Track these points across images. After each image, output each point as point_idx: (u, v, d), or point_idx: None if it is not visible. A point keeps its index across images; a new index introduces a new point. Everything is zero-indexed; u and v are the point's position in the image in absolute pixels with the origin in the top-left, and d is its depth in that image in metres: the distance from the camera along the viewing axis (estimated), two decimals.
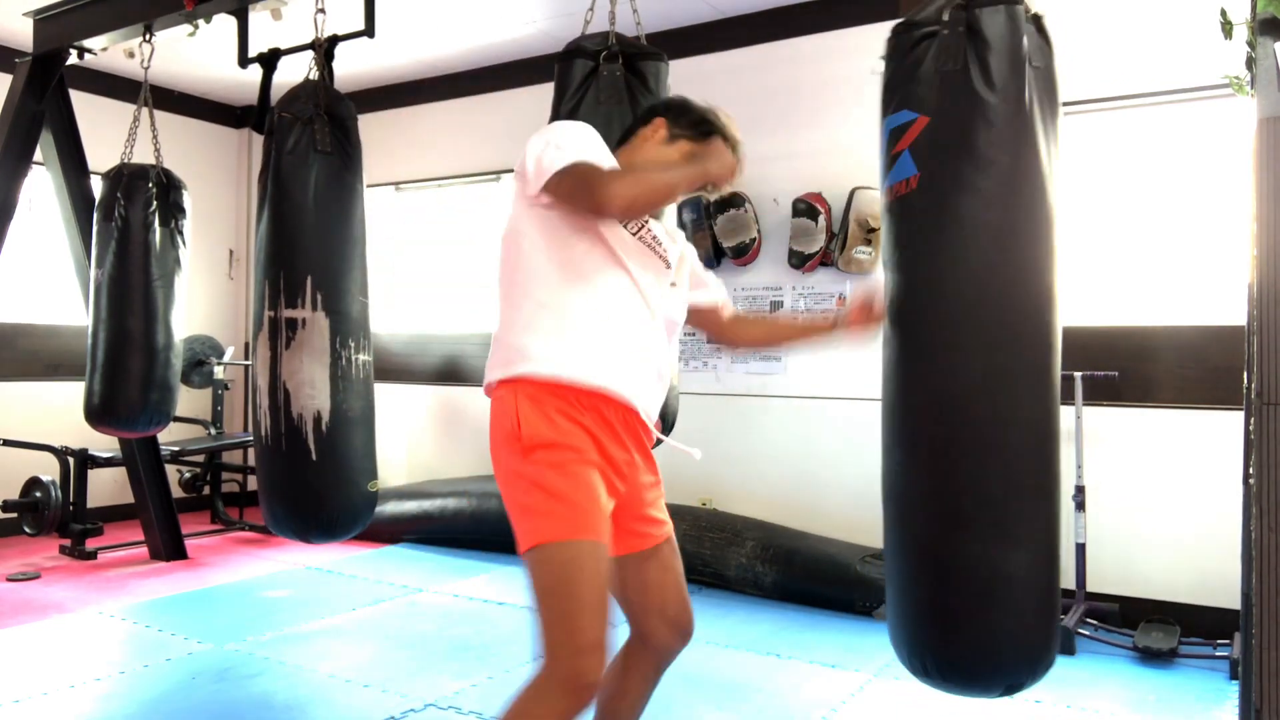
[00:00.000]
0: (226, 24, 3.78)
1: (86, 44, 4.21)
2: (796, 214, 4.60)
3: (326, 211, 3.07)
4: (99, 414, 4.26)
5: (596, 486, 1.76)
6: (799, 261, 4.67)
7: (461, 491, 5.29)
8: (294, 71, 3.33)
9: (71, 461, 5.08)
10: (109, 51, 4.33)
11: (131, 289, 4.18)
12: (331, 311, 3.04)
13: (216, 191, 6.67)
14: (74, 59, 4.31)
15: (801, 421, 4.70)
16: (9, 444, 5.10)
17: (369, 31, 3.34)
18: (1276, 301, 1.66)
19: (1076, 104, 4.01)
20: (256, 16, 3.73)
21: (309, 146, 3.05)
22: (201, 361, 5.93)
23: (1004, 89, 1.87)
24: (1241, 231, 3.05)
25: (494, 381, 1.86)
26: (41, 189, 4.91)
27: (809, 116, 4.73)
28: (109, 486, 5.71)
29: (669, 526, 2.01)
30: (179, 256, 4.34)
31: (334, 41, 3.28)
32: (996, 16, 1.89)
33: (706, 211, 4.77)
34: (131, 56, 4.13)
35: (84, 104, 4.75)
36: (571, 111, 2.69)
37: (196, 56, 5.55)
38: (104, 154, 4.74)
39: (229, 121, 6.84)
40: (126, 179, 4.24)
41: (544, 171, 1.79)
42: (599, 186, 1.76)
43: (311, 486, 3.05)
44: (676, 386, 2.75)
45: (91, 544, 4.98)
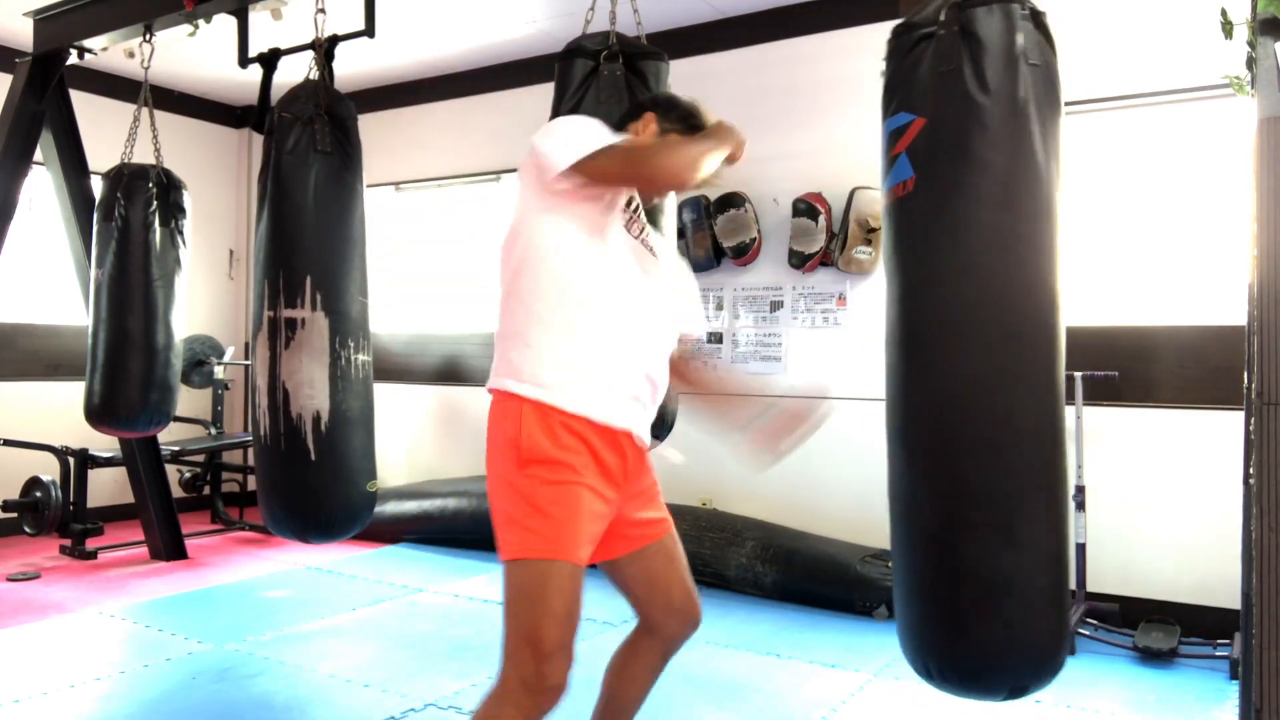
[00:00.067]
0: (226, 24, 3.79)
1: (86, 44, 4.21)
2: (796, 214, 4.60)
3: (326, 211, 3.07)
4: (99, 414, 4.26)
5: (586, 508, 1.78)
6: (799, 261, 4.67)
7: (461, 491, 5.29)
8: (294, 71, 3.33)
9: (71, 461, 5.08)
10: (109, 51, 4.33)
11: (131, 289, 4.19)
12: (331, 311, 3.04)
13: (216, 191, 6.67)
14: (74, 59, 4.31)
15: None
16: (9, 444, 5.10)
17: (369, 31, 3.34)
18: (1276, 301, 1.66)
19: (1076, 104, 4.01)
20: (256, 16, 3.73)
21: (309, 146, 3.05)
22: (201, 361, 5.93)
23: (998, 89, 1.86)
24: (1241, 231, 3.04)
25: (499, 390, 1.86)
26: (41, 189, 4.91)
27: (809, 116, 4.73)
28: (109, 486, 5.71)
29: (669, 521, 2.05)
30: (179, 256, 4.34)
31: (334, 41, 3.28)
32: (990, 16, 1.88)
33: (706, 211, 4.77)
34: (131, 56, 4.13)
35: (84, 104, 4.75)
36: (572, 111, 2.69)
37: (196, 56, 5.55)
38: (104, 154, 4.75)
39: (229, 121, 6.84)
40: (126, 179, 4.24)
41: (577, 152, 1.76)
42: (649, 157, 1.79)
43: (310, 487, 3.05)
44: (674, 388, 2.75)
45: (92, 544, 4.99)
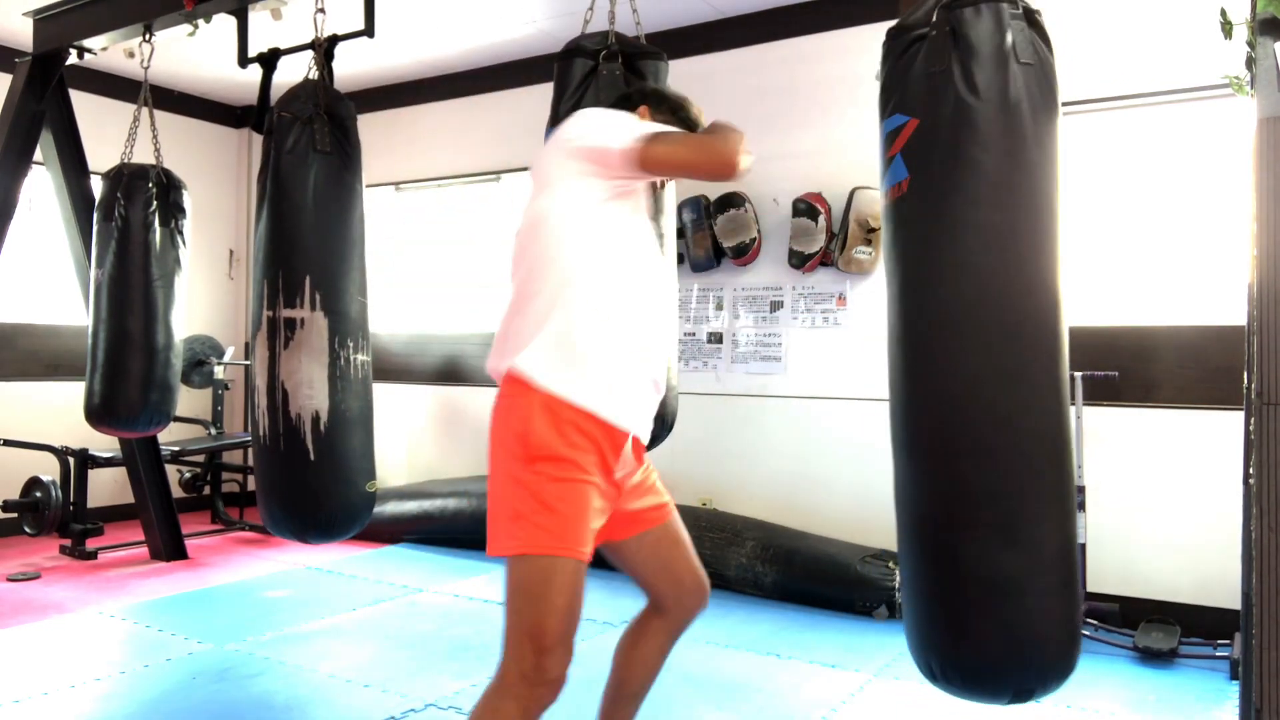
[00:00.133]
0: (226, 24, 3.79)
1: (86, 44, 4.21)
2: (796, 214, 4.60)
3: (325, 211, 3.07)
4: (99, 414, 4.26)
5: (590, 505, 1.80)
6: (799, 261, 4.67)
7: (461, 491, 5.29)
8: (294, 71, 3.33)
9: (72, 461, 5.08)
10: (109, 51, 4.33)
11: (131, 289, 4.18)
12: (330, 311, 3.04)
13: (216, 191, 6.67)
14: (74, 59, 4.31)
15: (801, 421, 4.70)
16: (9, 444, 5.10)
17: (369, 31, 3.34)
18: (1276, 301, 1.66)
19: (1076, 104, 4.01)
20: (256, 16, 3.73)
21: (308, 146, 3.05)
22: (201, 361, 5.93)
23: (987, 89, 1.86)
24: (1241, 231, 3.04)
25: (512, 373, 1.83)
26: (41, 189, 4.91)
27: (809, 116, 4.73)
28: (109, 486, 5.71)
29: (670, 505, 2.12)
30: (179, 256, 4.34)
31: (334, 41, 3.28)
32: (978, 17, 1.88)
33: (706, 211, 4.77)
34: (131, 56, 4.13)
35: (84, 104, 4.75)
36: (571, 111, 2.69)
37: (196, 56, 5.55)
38: (104, 154, 4.75)
39: (229, 121, 6.84)
40: (126, 179, 4.24)
41: (639, 139, 1.80)
42: (711, 144, 1.84)
43: (309, 487, 3.04)
44: (676, 386, 2.75)
45: (92, 544, 4.99)
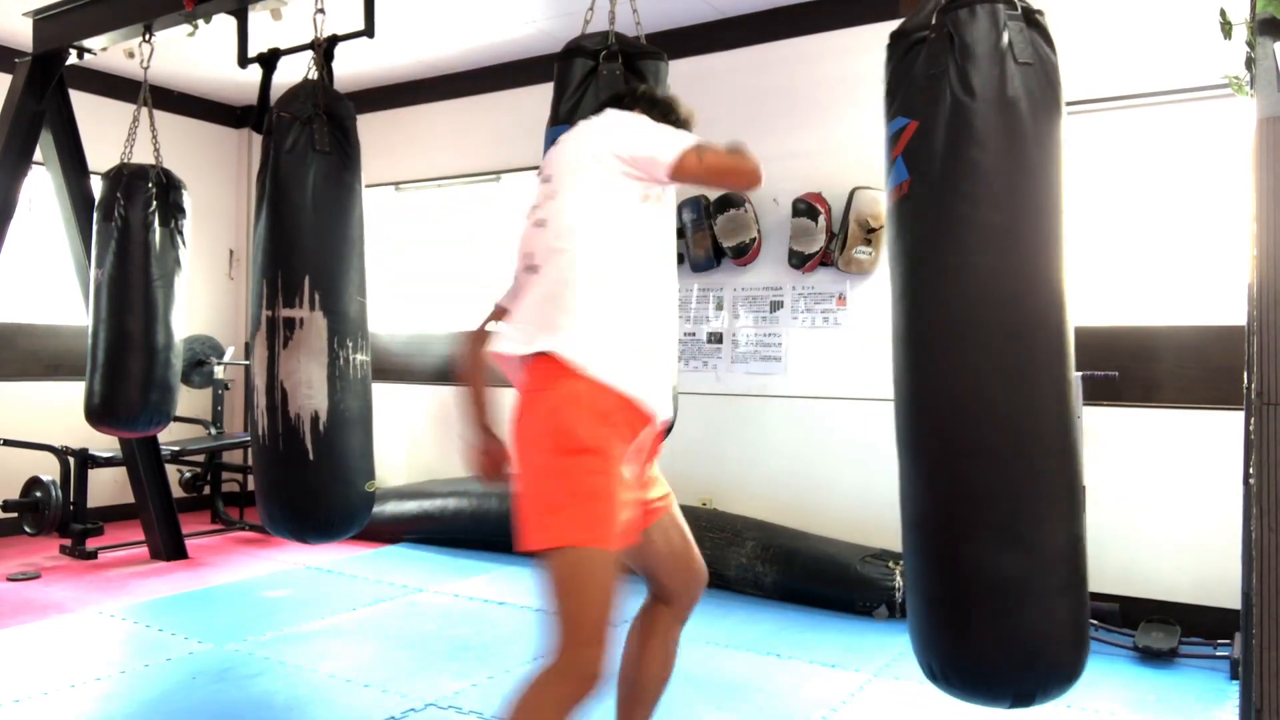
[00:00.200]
0: (226, 24, 3.78)
1: (86, 44, 4.21)
2: (796, 214, 4.60)
3: (325, 211, 3.07)
4: (99, 414, 4.26)
5: (620, 495, 1.82)
6: (799, 261, 4.67)
7: (461, 491, 5.29)
8: (294, 71, 3.33)
9: (72, 461, 5.08)
10: (109, 51, 4.33)
11: (131, 289, 4.18)
12: (329, 311, 3.04)
13: (216, 191, 6.67)
14: (74, 59, 4.31)
15: (801, 421, 4.70)
16: (9, 444, 5.10)
17: (369, 31, 3.34)
18: (1276, 301, 1.66)
19: (1076, 104, 4.01)
20: (256, 16, 3.73)
21: (308, 146, 3.05)
22: (202, 361, 5.93)
23: (983, 90, 1.86)
24: (1241, 231, 3.04)
25: (548, 356, 1.83)
26: (41, 189, 4.91)
27: (809, 116, 4.72)
28: (109, 486, 5.71)
29: (671, 493, 2.16)
30: (179, 256, 4.34)
31: (334, 41, 3.28)
32: (973, 18, 1.89)
33: (706, 211, 4.77)
34: (131, 56, 4.13)
35: (84, 104, 4.75)
36: (572, 110, 2.69)
37: (196, 56, 5.55)
38: (104, 154, 4.74)
39: (229, 121, 6.84)
40: (126, 179, 4.24)
41: (678, 150, 1.89)
42: (740, 158, 1.93)
43: (308, 487, 3.05)
44: (677, 386, 2.75)
45: (92, 544, 4.99)
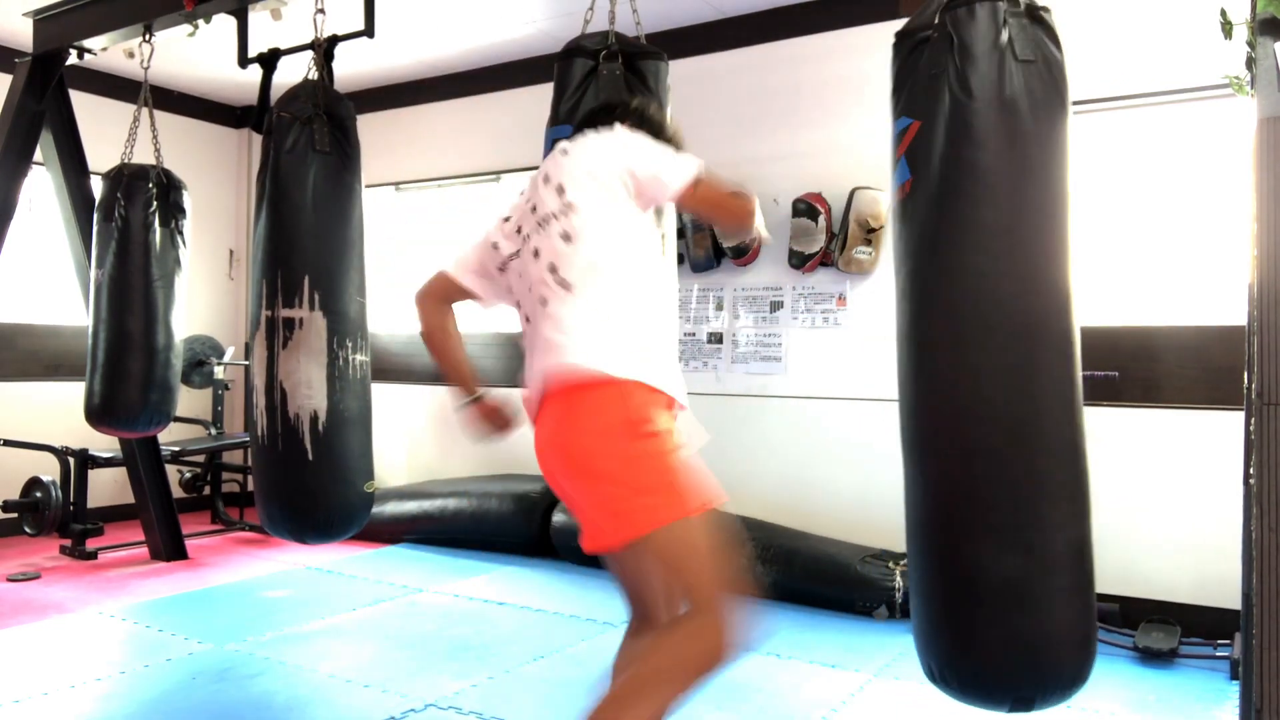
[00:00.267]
0: (226, 24, 3.78)
1: (86, 44, 4.20)
2: (796, 214, 4.59)
3: (325, 211, 3.07)
4: (99, 414, 4.26)
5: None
6: (799, 261, 4.66)
7: (461, 491, 5.29)
8: (294, 71, 3.33)
9: (72, 461, 5.08)
10: (109, 51, 4.33)
11: (131, 289, 4.18)
12: (329, 311, 3.04)
13: (216, 191, 6.67)
14: (74, 59, 4.31)
15: (801, 421, 4.70)
16: (9, 444, 5.10)
17: (369, 31, 3.34)
18: (1276, 301, 1.66)
19: (1077, 104, 3.97)
20: (256, 16, 3.73)
21: (308, 146, 3.05)
22: (202, 361, 5.93)
23: (981, 89, 1.86)
24: (1241, 231, 3.04)
25: (601, 376, 1.84)
26: (41, 189, 4.91)
27: (809, 116, 4.72)
28: (109, 486, 5.71)
29: None
30: (179, 256, 4.34)
31: (334, 41, 3.28)
32: (971, 17, 1.89)
33: None
34: (131, 56, 4.13)
35: (84, 104, 4.75)
36: (572, 110, 2.69)
37: (196, 56, 5.55)
38: (104, 154, 4.74)
39: (229, 121, 6.84)
40: (126, 179, 4.24)
41: (691, 183, 1.93)
42: (745, 204, 2.00)
43: (307, 487, 3.05)
44: None
45: (92, 544, 4.99)
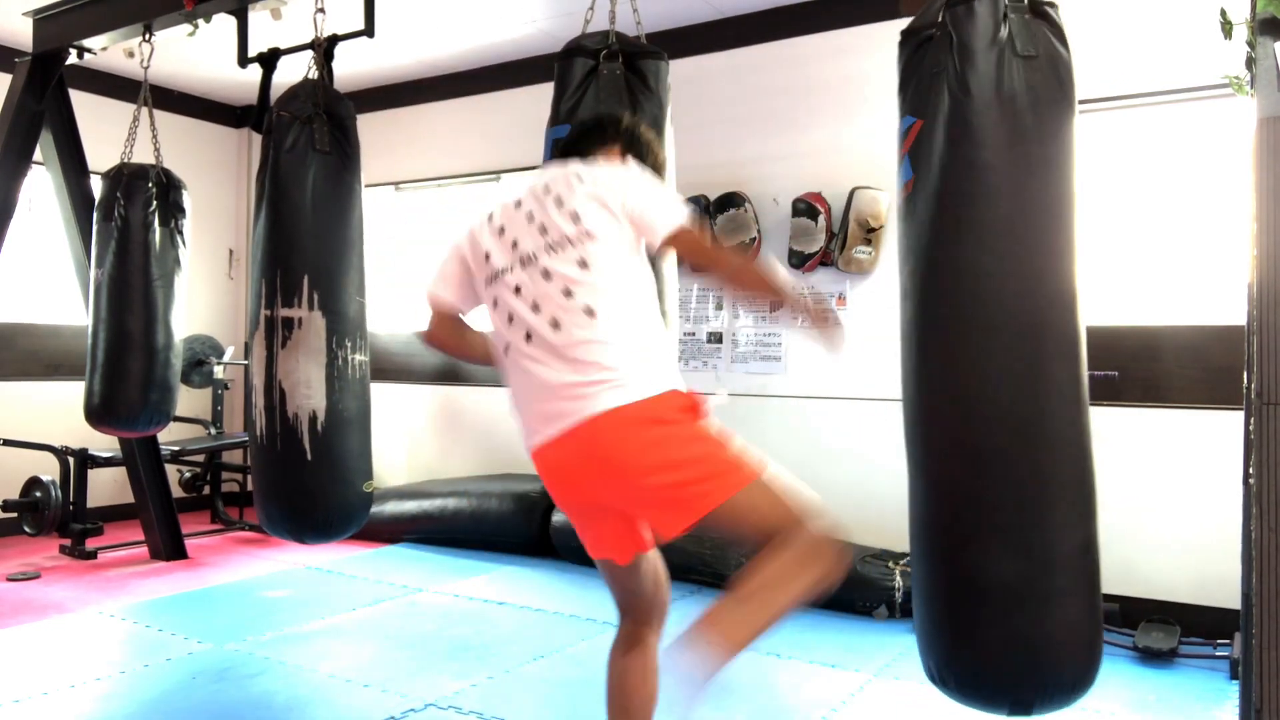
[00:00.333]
0: (226, 24, 3.78)
1: (86, 44, 4.20)
2: (796, 214, 4.59)
3: (324, 211, 3.06)
4: (99, 414, 4.26)
5: None
6: (799, 261, 4.66)
7: (461, 491, 5.29)
8: (294, 71, 3.33)
9: (71, 461, 5.08)
10: (109, 51, 4.33)
11: (131, 289, 4.18)
12: (328, 311, 3.04)
13: (216, 191, 6.67)
14: (74, 59, 4.30)
15: (801, 421, 4.69)
16: (9, 444, 5.10)
17: (369, 31, 3.34)
18: (1276, 301, 1.66)
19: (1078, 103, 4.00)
20: (256, 16, 3.73)
21: (307, 146, 3.05)
22: (201, 361, 5.93)
23: (979, 86, 1.85)
24: (1241, 231, 3.04)
25: (637, 400, 1.92)
26: (41, 189, 4.90)
27: (809, 116, 4.72)
28: (109, 486, 5.70)
29: None
30: (179, 256, 4.34)
31: (334, 41, 3.28)
32: (969, 14, 1.88)
33: (706, 211, 4.77)
34: (131, 56, 4.13)
35: (84, 104, 4.74)
36: (572, 110, 2.69)
37: (196, 56, 5.55)
38: (104, 154, 4.74)
39: (229, 121, 6.84)
40: (126, 179, 4.24)
41: (680, 230, 1.92)
42: (732, 259, 2.01)
43: (306, 487, 3.04)
44: None
45: (91, 544, 4.98)
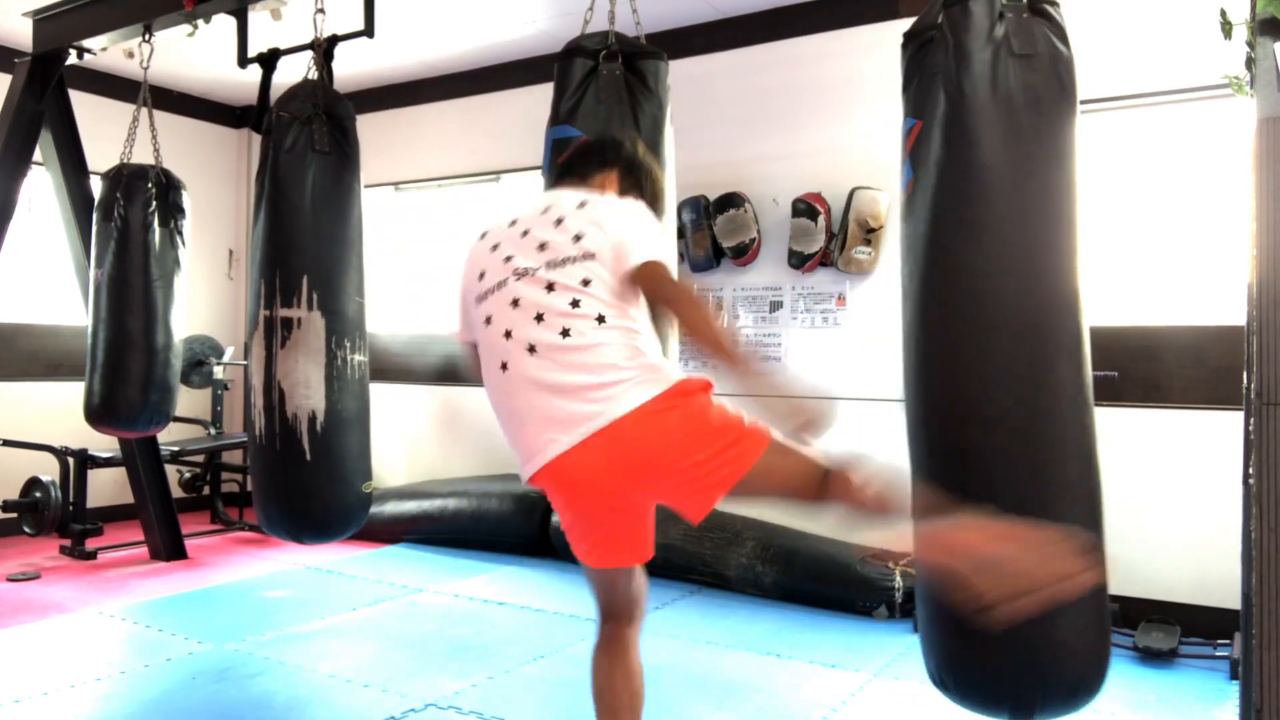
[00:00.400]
0: (226, 24, 3.78)
1: (86, 44, 4.20)
2: (796, 214, 4.59)
3: (324, 211, 3.06)
4: (99, 414, 4.26)
5: None
6: (799, 261, 4.66)
7: (461, 491, 5.29)
8: (294, 71, 3.33)
9: (71, 461, 5.07)
10: (109, 51, 4.33)
11: (131, 289, 4.18)
12: (327, 311, 3.03)
13: (216, 191, 6.67)
14: (74, 59, 4.30)
15: None
16: (9, 444, 5.10)
17: (368, 31, 3.34)
18: (1276, 301, 1.66)
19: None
20: (256, 16, 3.73)
21: (307, 146, 3.04)
22: (201, 361, 5.93)
23: (974, 86, 1.85)
24: (1241, 231, 3.04)
25: (653, 397, 1.88)
26: (41, 189, 4.90)
27: (809, 116, 4.72)
28: (109, 486, 5.70)
29: None
30: (178, 256, 4.34)
31: (333, 41, 3.28)
32: (966, 13, 1.88)
33: (706, 212, 4.77)
34: (131, 56, 4.13)
35: (84, 104, 4.75)
36: (571, 110, 2.69)
37: (196, 56, 5.55)
38: (104, 154, 4.74)
39: (229, 121, 6.84)
40: (126, 179, 4.24)
41: (650, 257, 1.91)
42: (699, 307, 1.98)
43: (305, 487, 3.04)
44: None
45: (91, 544, 4.98)
